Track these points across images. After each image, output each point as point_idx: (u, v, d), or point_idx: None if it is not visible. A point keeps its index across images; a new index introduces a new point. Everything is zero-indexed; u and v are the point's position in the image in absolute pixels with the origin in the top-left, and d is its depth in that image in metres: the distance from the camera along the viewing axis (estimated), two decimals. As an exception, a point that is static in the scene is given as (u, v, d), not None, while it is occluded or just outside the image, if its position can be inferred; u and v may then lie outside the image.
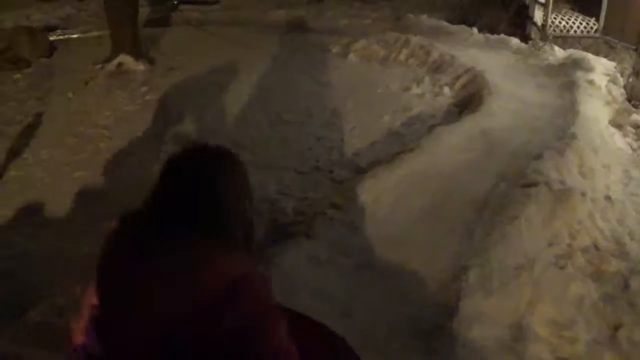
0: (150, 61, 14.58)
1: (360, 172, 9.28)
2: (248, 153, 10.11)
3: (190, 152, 3.54)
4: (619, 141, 11.07)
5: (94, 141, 10.82)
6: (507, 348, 6.20)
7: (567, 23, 18.41)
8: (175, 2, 20.44)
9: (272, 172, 9.61)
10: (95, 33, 16.73)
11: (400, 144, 10.27)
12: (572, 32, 18.34)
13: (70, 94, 12.79)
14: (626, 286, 7.22)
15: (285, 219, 8.40)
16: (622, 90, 12.80)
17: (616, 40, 17.70)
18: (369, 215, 7.97)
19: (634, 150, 10.92)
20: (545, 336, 6.46)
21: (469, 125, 10.35)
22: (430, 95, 12.50)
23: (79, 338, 3.34)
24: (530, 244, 7.36)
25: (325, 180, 9.46)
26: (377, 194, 8.31)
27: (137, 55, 14.39)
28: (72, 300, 6.25)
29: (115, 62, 14.12)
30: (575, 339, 6.46)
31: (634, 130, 11.54)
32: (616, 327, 6.73)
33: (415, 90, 12.73)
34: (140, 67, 14.16)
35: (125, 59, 14.15)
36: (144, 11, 17.61)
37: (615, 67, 13.87)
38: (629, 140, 11.24)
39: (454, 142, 9.65)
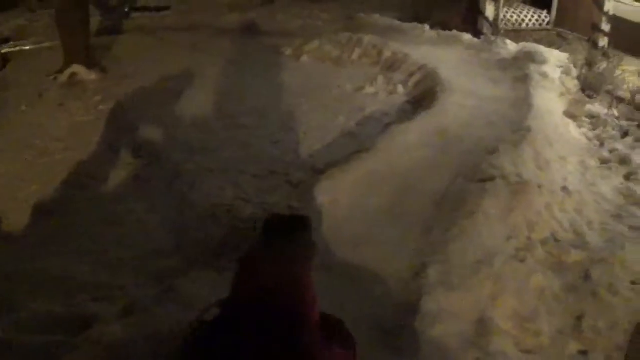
0: (103, 70, 14.44)
1: (317, 173, 9.25)
2: (204, 158, 10.08)
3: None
4: (574, 132, 11.13)
5: (50, 154, 10.65)
6: (471, 343, 6.18)
7: (519, 17, 18.54)
8: (127, 10, 20.27)
9: (229, 177, 9.53)
10: (47, 44, 16.49)
11: (356, 144, 10.22)
12: (524, 25, 18.47)
13: (24, 107, 12.59)
14: (587, 276, 7.25)
15: (243, 224, 8.33)
16: (576, 81, 12.88)
17: (569, 32, 17.83)
18: (327, 216, 7.91)
19: (589, 140, 10.99)
20: (508, 329, 6.45)
21: (424, 122, 10.32)
22: (384, 94, 12.49)
23: None
24: (489, 239, 7.35)
25: (282, 183, 9.39)
26: (334, 195, 8.27)
27: (90, 65, 14.24)
28: (32, 315, 6.20)
29: (68, 72, 13.95)
30: (539, 330, 6.46)
31: (588, 121, 11.61)
32: (579, 317, 6.76)
33: (369, 89, 12.71)
34: (93, 76, 14.01)
35: (78, 69, 14.00)
36: (95, 20, 17.42)
37: (568, 59, 13.96)
38: (584, 130, 11.30)
39: (410, 140, 9.63)
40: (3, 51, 15.91)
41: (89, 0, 15.05)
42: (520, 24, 18.44)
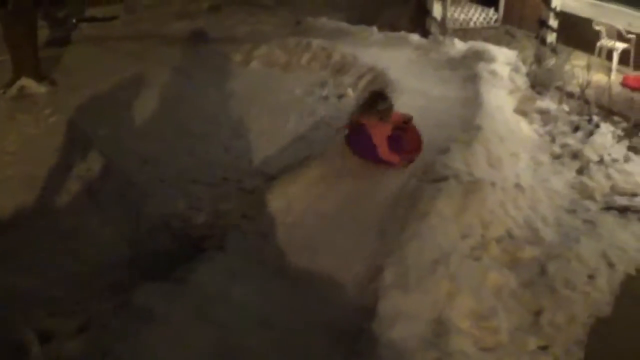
0: (53, 82, 14.25)
1: (270, 180, 9.20)
2: (155, 168, 10.03)
3: None
4: (525, 128, 11.19)
5: (1, 168, 10.50)
6: (430, 344, 6.17)
7: (467, 15, 18.62)
8: (74, 21, 20.05)
9: (181, 186, 9.51)
10: (-5, 57, 16.36)
11: (307, 148, 10.19)
12: (472, 24, 18.55)
13: (-27, 121, 12.45)
14: (543, 271, 7.32)
15: (198, 233, 8.28)
16: (525, 78, 12.95)
17: (516, 29, 17.95)
18: (281, 223, 7.90)
19: (540, 136, 11.04)
20: (466, 328, 6.46)
21: (374, 124, 10.28)
22: (335, 98, 12.49)
23: None
24: (444, 238, 7.35)
25: (235, 190, 9.35)
26: (287, 201, 8.23)
27: (39, 77, 14.05)
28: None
29: (17, 85, 13.79)
30: (497, 328, 6.48)
31: (539, 117, 11.67)
32: (537, 313, 6.82)
33: (319, 93, 12.69)
34: (43, 89, 13.83)
35: (27, 82, 13.82)
36: (43, 32, 17.21)
37: (517, 56, 14.02)
38: (535, 126, 11.36)
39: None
40: (-49, 65, 15.69)
41: (36, 12, 14.85)
42: (468, 23, 18.52)
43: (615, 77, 13.85)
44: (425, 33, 16.67)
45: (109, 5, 21.74)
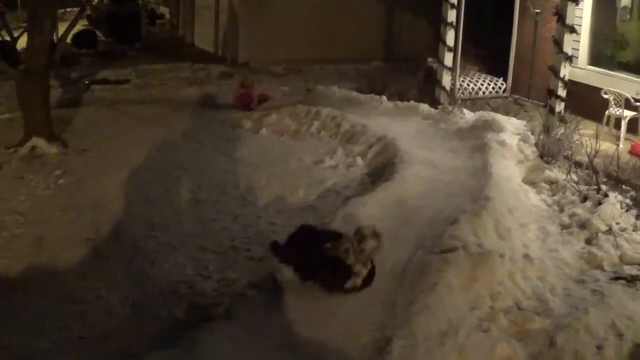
0: (64, 143, 14.33)
1: (278, 249, 9.16)
2: (164, 234, 10.03)
3: None
4: (533, 198, 11.18)
5: (9, 228, 10.50)
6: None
7: (476, 85, 18.69)
8: (87, 83, 20.26)
9: (189, 253, 9.48)
10: (7, 115, 16.37)
11: (316, 217, 10.22)
12: (480, 93, 18.61)
13: (-18, 179, 12.51)
14: (552, 343, 7.23)
15: (205, 301, 8.24)
16: (534, 147, 12.94)
17: (525, 99, 18.01)
18: (289, 292, 7.84)
19: (549, 206, 11.03)
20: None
21: (383, 194, 10.35)
22: (344, 167, 12.54)
23: None
24: (452, 310, 7.32)
25: (243, 259, 9.33)
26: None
27: (50, 137, 14.14)
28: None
29: (28, 145, 13.86)
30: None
31: (548, 186, 11.66)
32: (546, 385, 6.74)
33: (329, 162, 12.75)
34: (54, 150, 13.91)
35: (38, 142, 13.90)
36: (55, 92, 17.41)
37: (526, 126, 14.07)
38: (543, 196, 11.35)
39: (369, 213, 9.60)
40: (-38, 122, 15.84)
41: (49, 73, 14.99)
42: (477, 92, 18.59)
43: (623, 146, 13.85)
44: (434, 103, 16.76)
45: (120, 69, 22.02)
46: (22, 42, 14.64)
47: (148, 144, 13.80)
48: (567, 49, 14.05)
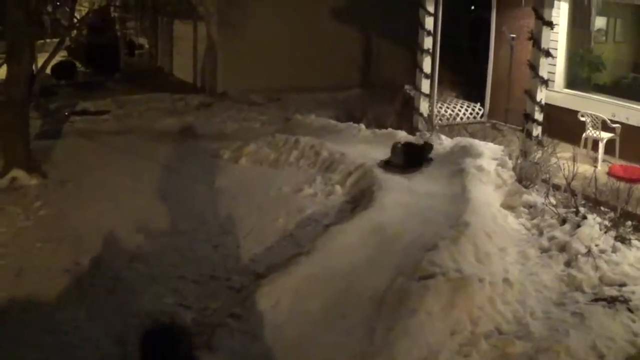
0: (43, 175, 14.31)
1: (258, 278, 9.19)
2: (143, 265, 10.02)
3: None
4: (512, 222, 11.24)
5: (-11, 259, 10.51)
6: None
7: (453, 111, 18.80)
8: (66, 114, 20.28)
9: (169, 283, 9.47)
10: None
11: (295, 246, 10.26)
12: (458, 119, 18.71)
13: (-38, 210, 12.47)
14: (533, 366, 7.26)
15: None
16: (512, 172, 12.99)
17: (503, 123, 18.12)
18: (269, 321, 7.86)
19: (528, 229, 11.08)
20: None
21: (362, 222, 10.37)
22: (323, 195, 12.55)
23: None
24: (432, 336, 7.35)
25: (223, 288, 9.33)
26: (275, 299, 8.20)
27: (30, 169, 14.13)
28: None
29: (8, 177, 13.85)
30: None
31: (526, 210, 11.72)
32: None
33: (308, 190, 12.75)
34: (34, 181, 13.89)
35: (18, 173, 13.86)
36: (35, 124, 17.39)
37: (503, 150, 14.14)
38: (522, 220, 11.41)
39: (349, 241, 9.65)
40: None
41: (29, 104, 14.97)
42: (454, 118, 18.68)
43: (601, 168, 13.94)
44: (412, 129, 16.83)
45: (99, 99, 22.03)
46: (1, 73, 14.58)
47: (128, 175, 13.83)
48: (543, 72, 14.13)
